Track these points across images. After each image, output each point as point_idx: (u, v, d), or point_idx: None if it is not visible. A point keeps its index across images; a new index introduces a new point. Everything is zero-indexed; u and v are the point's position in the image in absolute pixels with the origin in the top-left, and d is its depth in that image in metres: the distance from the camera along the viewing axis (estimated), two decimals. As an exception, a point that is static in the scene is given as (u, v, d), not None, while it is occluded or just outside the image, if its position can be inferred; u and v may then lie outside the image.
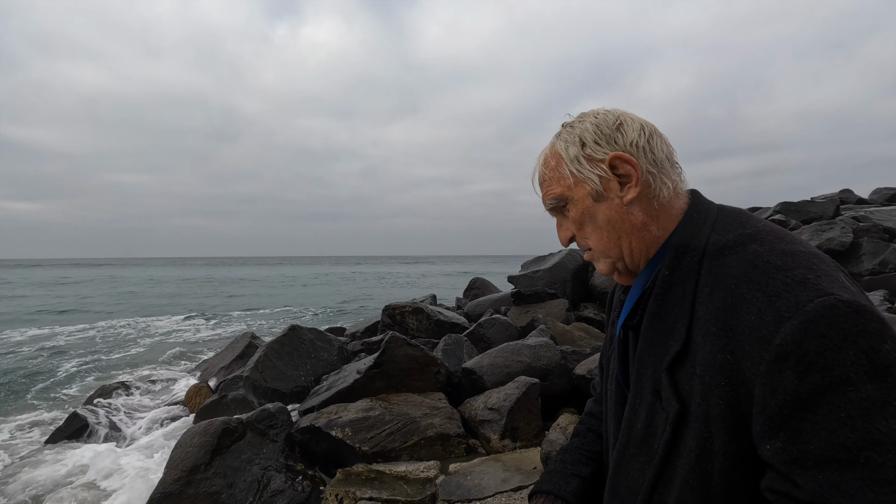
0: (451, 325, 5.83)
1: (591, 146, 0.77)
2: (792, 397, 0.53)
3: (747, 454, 0.59)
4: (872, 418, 0.49)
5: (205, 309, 19.70)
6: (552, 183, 0.81)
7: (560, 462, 0.99)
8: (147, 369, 8.52)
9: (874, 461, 0.49)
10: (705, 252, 0.70)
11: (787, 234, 0.68)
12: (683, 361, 0.66)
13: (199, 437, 2.95)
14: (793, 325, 0.54)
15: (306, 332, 5.08)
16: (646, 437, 0.71)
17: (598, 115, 0.79)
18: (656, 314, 0.72)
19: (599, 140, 0.77)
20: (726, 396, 0.59)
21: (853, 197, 8.82)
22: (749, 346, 0.57)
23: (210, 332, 13.21)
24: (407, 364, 3.68)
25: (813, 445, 0.52)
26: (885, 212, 6.73)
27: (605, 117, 0.78)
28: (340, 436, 3.05)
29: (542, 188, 0.84)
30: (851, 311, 0.53)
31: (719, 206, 0.77)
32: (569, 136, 0.79)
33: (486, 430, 3.19)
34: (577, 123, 0.80)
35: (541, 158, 0.84)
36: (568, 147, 0.78)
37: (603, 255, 0.80)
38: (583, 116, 0.81)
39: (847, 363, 0.51)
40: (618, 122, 0.78)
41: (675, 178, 0.78)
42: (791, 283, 0.57)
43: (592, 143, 0.77)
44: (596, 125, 0.78)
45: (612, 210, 0.76)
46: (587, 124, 0.78)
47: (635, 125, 0.77)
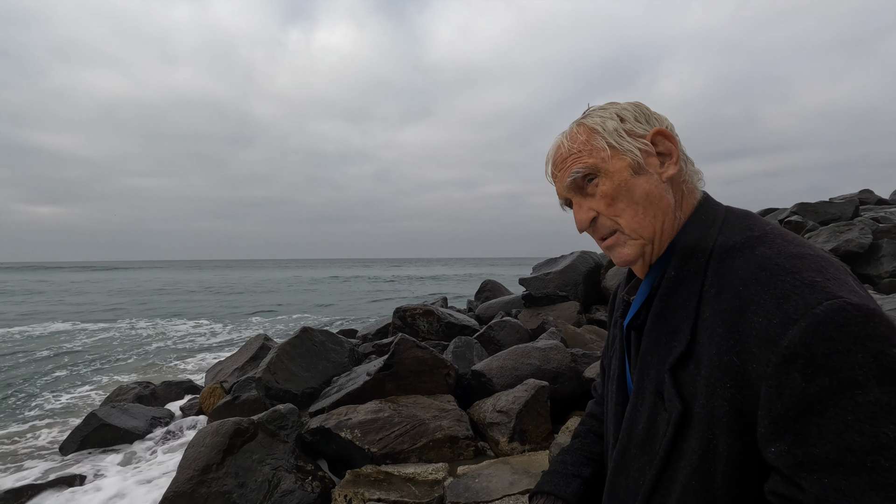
0: (462, 328, 5.83)
1: (631, 122, 0.77)
2: (799, 399, 0.52)
3: (751, 457, 0.59)
4: (880, 422, 0.49)
5: (220, 311, 19.98)
6: (582, 155, 0.77)
7: (560, 463, 0.98)
8: (163, 370, 8.67)
9: (881, 465, 0.48)
10: (712, 253, 0.69)
11: (795, 237, 0.68)
12: (687, 362, 0.66)
13: (212, 437, 3.00)
14: (801, 328, 0.53)
15: (318, 334, 5.13)
16: (647, 437, 0.70)
17: (630, 102, 0.80)
18: (661, 314, 0.72)
19: (639, 118, 0.77)
20: (731, 398, 0.59)
21: (873, 197, 8.62)
22: (756, 349, 0.57)
23: (225, 335, 13.39)
24: (416, 366, 3.70)
25: (819, 449, 0.51)
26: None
27: (638, 104, 0.80)
28: (350, 437, 3.08)
29: (566, 163, 0.78)
30: (861, 314, 0.52)
31: (727, 207, 0.77)
32: (603, 113, 0.78)
33: (495, 433, 3.19)
34: (609, 106, 0.79)
35: (564, 136, 0.80)
36: (605, 121, 0.77)
37: (634, 235, 0.76)
38: (610, 103, 0.80)
39: (855, 366, 0.50)
40: (649, 111, 0.79)
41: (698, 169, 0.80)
42: (800, 286, 0.57)
43: (633, 119, 0.77)
44: (634, 107, 0.79)
45: (652, 184, 0.75)
46: (623, 104, 0.79)
47: (663, 117, 0.80)
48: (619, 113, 0.77)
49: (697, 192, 0.79)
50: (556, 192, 0.85)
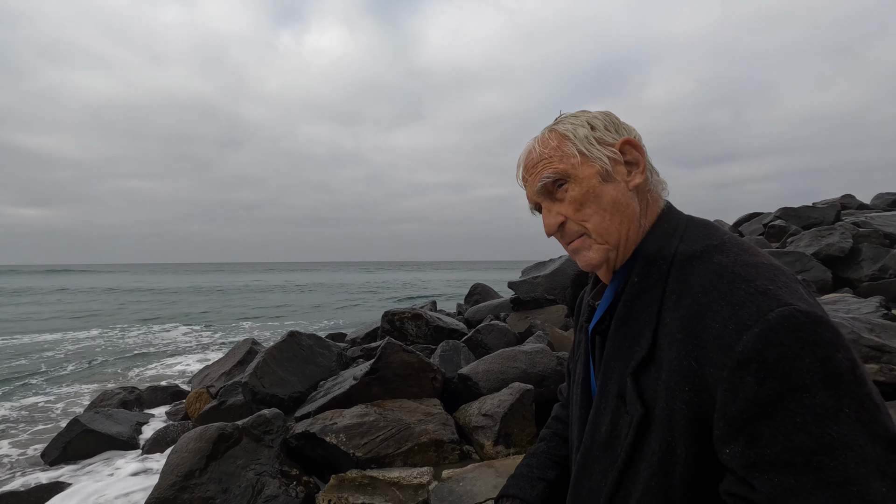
0: (450, 331, 5.85)
1: (601, 130, 0.79)
2: (752, 403, 0.55)
3: (708, 459, 0.61)
4: (825, 424, 0.51)
5: (210, 316, 19.80)
6: (553, 160, 0.79)
7: (526, 466, 1.00)
8: (149, 375, 8.58)
9: (826, 465, 0.51)
10: (673, 261, 0.72)
11: (751, 246, 0.71)
12: (649, 367, 0.68)
13: (195, 442, 2.98)
14: (754, 333, 0.56)
15: (305, 338, 5.11)
16: (609, 440, 0.72)
17: (600, 111, 0.82)
18: (624, 320, 0.74)
19: (609, 127, 0.80)
20: (689, 402, 0.61)
21: (855, 202, 8.79)
22: (713, 353, 0.59)
23: (214, 339, 13.28)
24: (403, 370, 3.70)
25: (769, 450, 0.54)
26: (887, 217, 6.69)
27: (608, 113, 0.82)
28: (335, 441, 3.07)
29: (537, 168, 0.80)
30: (809, 321, 0.55)
31: (688, 216, 0.79)
32: (575, 121, 0.80)
33: (480, 437, 3.20)
34: (580, 114, 0.82)
35: (536, 141, 0.82)
36: (577, 128, 0.79)
37: (601, 240, 0.77)
38: (580, 112, 0.82)
39: (804, 370, 0.53)
40: (618, 120, 0.82)
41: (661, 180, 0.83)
42: (753, 293, 0.59)
43: (602, 128, 0.79)
44: (604, 115, 0.81)
45: (619, 192, 0.77)
46: (594, 113, 0.81)
47: (631, 127, 0.82)
48: (589, 121, 0.80)
49: (661, 202, 0.81)
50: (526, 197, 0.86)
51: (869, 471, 0.49)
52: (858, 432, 0.51)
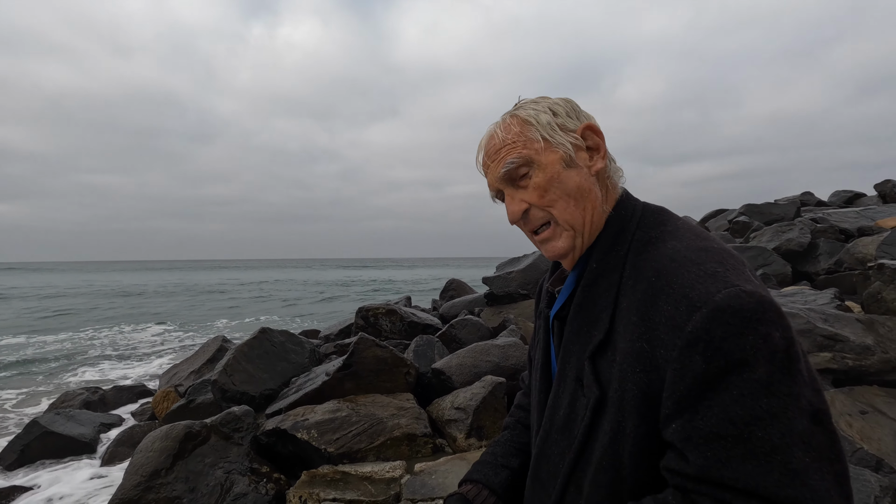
0: (424, 327, 5.85)
1: (563, 116, 0.79)
2: (699, 380, 0.57)
3: (655, 438, 0.63)
4: (757, 397, 0.54)
5: (179, 314, 19.28)
6: (516, 146, 0.77)
7: (491, 454, 1.01)
8: (114, 375, 8.31)
9: (755, 436, 0.53)
10: (630, 247, 0.74)
11: (703, 231, 0.73)
12: (605, 350, 0.70)
13: (161, 441, 2.90)
14: (703, 314, 0.58)
15: (277, 335, 5.03)
16: (567, 422, 0.74)
17: (558, 98, 0.82)
18: (582, 305, 0.75)
19: (570, 113, 0.80)
20: (639, 382, 0.63)
21: (813, 199, 9.16)
22: (664, 335, 0.61)
23: (183, 337, 12.95)
24: (376, 365, 3.69)
25: (705, 422, 0.56)
26: (842, 213, 7.00)
27: (568, 100, 0.82)
28: (306, 437, 3.04)
29: (500, 154, 0.78)
30: (753, 300, 0.58)
31: (644, 203, 0.81)
32: (536, 106, 0.79)
33: (453, 430, 3.22)
34: (540, 100, 0.81)
35: (498, 126, 0.81)
36: (539, 114, 0.78)
37: (567, 227, 0.77)
38: (540, 98, 0.82)
39: (746, 347, 0.55)
40: (578, 107, 0.82)
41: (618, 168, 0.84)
42: (703, 276, 0.62)
43: (564, 114, 0.79)
44: (565, 101, 0.81)
45: (582, 177, 0.77)
46: (555, 99, 0.81)
47: (591, 116, 0.83)
48: (551, 107, 0.79)
49: (619, 189, 0.83)
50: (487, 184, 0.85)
51: (793, 441, 0.52)
52: (787, 405, 0.53)
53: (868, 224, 6.32)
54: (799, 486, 0.51)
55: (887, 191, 8.01)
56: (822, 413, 0.55)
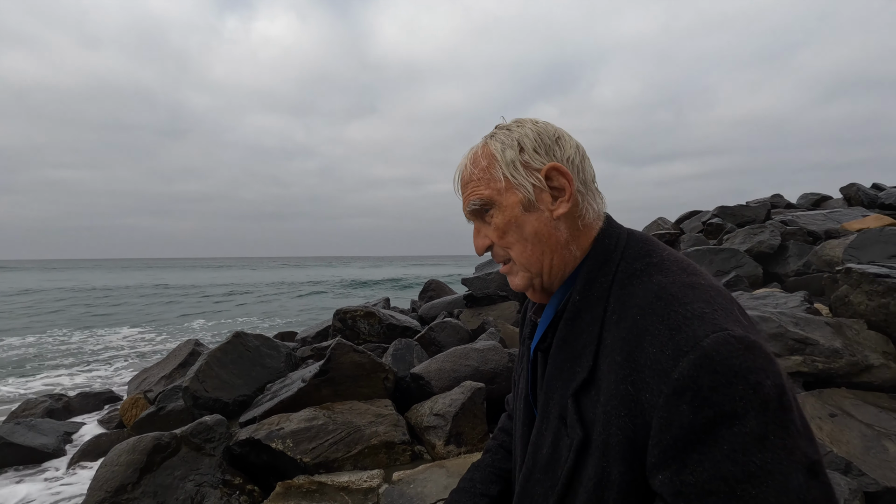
0: (403, 329, 5.80)
1: (529, 153, 0.74)
2: (686, 431, 0.54)
3: (641, 486, 0.60)
4: (751, 451, 0.51)
5: (150, 316, 18.75)
6: (480, 184, 0.77)
7: (469, 481, 0.98)
8: (81, 380, 8.02)
9: (749, 493, 0.50)
10: (615, 279, 0.70)
11: (690, 264, 0.70)
12: (589, 388, 0.67)
13: (127, 454, 2.79)
14: (690, 360, 0.55)
15: (252, 339, 4.91)
16: (550, 463, 0.71)
17: (538, 124, 0.77)
18: (566, 339, 0.72)
19: (539, 148, 0.75)
20: (625, 427, 0.60)
21: (783, 201, 9.42)
22: (650, 379, 0.58)
23: (154, 341, 12.59)
24: (354, 371, 3.62)
25: (695, 478, 0.53)
26: (810, 216, 7.22)
27: (546, 127, 0.77)
28: (281, 447, 2.96)
29: (467, 188, 0.79)
30: (742, 346, 0.55)
31: (629, 231, 0.78)
32: (507, 138, 0.76)
33: (432, 437, 3.18)
34: (516, 127, 0.77)
35: (469, 156, 0.79)
36: (505, 149, 0.75)
37: (523, 269, 0.77)
38: (521, 122, 0.78)
39: (736, 398, 0.52)
40: (557, 134, 0.77)
41: (598, 201, 0.78)
42: (690, 318, 0.59)
43: (532, 150, 0.74)
44: (537, 133, 0.76)
45: (541, 222, 0.74)
46: (527, 130, 0.76)
47: (572, 142, 0.77)
48: (520, 140, 0.75)
49: (598, 222, 0.78)
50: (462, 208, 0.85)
51: (790, 499, 0.50)
52: (782, 460, 0.51)
53: (835, 227, 6.53)
54: None
55: (852, 194, 8.28)
56: (817, 465, 0.53)
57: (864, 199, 7.77)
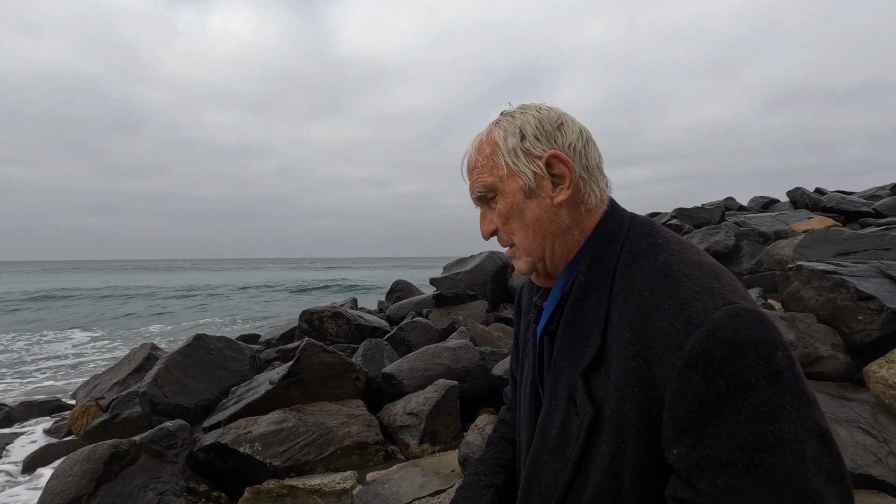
0: (372, 329, 5.73)
1: (530, 140, 0.75)
2: (700, 402, 0.54)
3: (656, 459, 0.60)
4: (768, 421, 0.52)
5: (101, 319, 17.77)
6: (484, 171, 0.78)
7: (474, 475, 0.97)
8: (25, 389, 7.50)
9: (767, 462, 0.51)
10: (619, 259, 0.71)
11: (692, 245, 0.72)
12: (598, 367, 0.67)
13: (82, 464, 2.62)
14: (702, 333, 0.56)
15: (214, 341, 4.74)
16: (560, 443, 0.70)
17: (542, 111, 0.77)
18: (573, 320, 0.72)
19: (540, 136, 0.75)
20: (639, 402, 0.60)
21: (735, 204, 9.91)
22: (661, 353, 0.59)
23: (106, 346, 11.93)
24: (324, 371, 3.54)
25: (713, 450, 0.53)
26: (760, 218, 7.61)
27: (548, 114, 0.77)
28: (250, 452, 2.86)
29: (472, 175, 0.80)
30: (752, 318, 0.56)
31: (632, 215, 0.79)
32: (509, 125, 0.77)
33: (405, 436, 3.15)
34: (519, 114, 0.77)
35: (475, 143, 0.80)
36: (507, 137, 0.76)
37: (525, 254, 0.79)
38: (525, 108, 0.78)
39: (749, 369, 0.53)
40: (559, 121, 0.77)
41: (602, 186, 0.79)
42: (699, 292, 0.60)
43: (533, 137, 0.75)
44: (539, 120, 0.76)
45: (542, 209, 0.75)
46: (529, 117, 0.76)
47: (575, 128, 0.77)
48: (522, 127, 0.76)
49: (602, 206, 0.79)
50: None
51: (807, 466, 0.51)
52: (797, 429, 0.52)
53: (783, 228, 6.90)
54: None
55: (797, 197, 8.79)
56: (828, 433, 0.54)
57: (809, 202, 8.25)
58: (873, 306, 3.21)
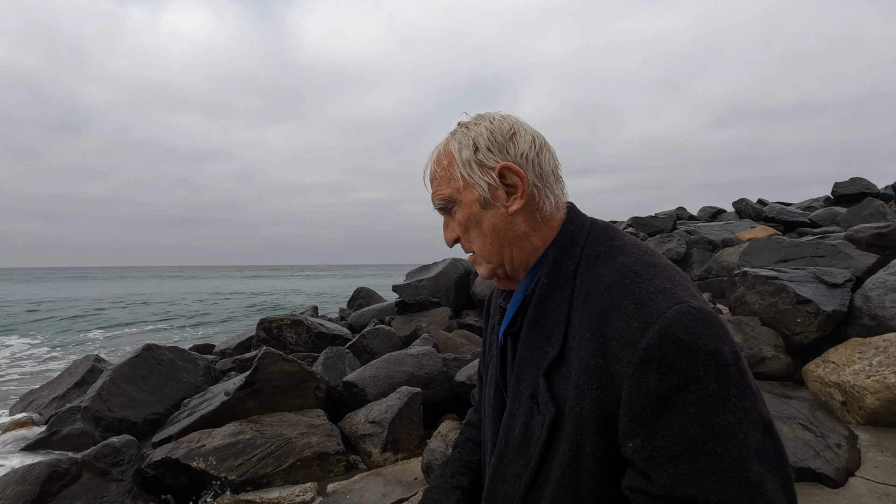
0: (333, 338, 5.62)
1: (483, 152, 0.76)
2: (654, 397, 0.57)
3: (614, 455, 0.62)
4: (715, 412, 0.55)
5: (38, 328, 16.60)
6: (442, 183, 0.80)
7: (440, 477, 0.98)
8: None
9: (715, 452, 0.54)
10: (580, 261, 0.73)
11: (648, 247, 0.75)
12: (560, 366, 0.68)
13: (15, 486, 2.43)
14: (655, 331, 0.58)
15: (165, 352, 4.52)
16: (523, 441, 0.72)
17: (494, 121, 0.79)
18: (535, 321, 0.74)
19: (492, 147, 0.76)
20: (597, 399, 0.62)
21: (686, 213, 10.40)
22: (619, 351, 0.61)
23: (45, 357, 11.14)
24: (283, 381, 3.45)
25: (665, 441, 0.56)
26: (709, 227, 8.01)
27: (501, 124, 0.78)
28: (203, 466, 2.74)
29: (433, 186, 0.83)
30: (701, 316, 0.59)
31: (592, 219, 0.81)
32: (463, 137, 0.78)
33: (368, 445, 3.10)
34: (473, 126, 0.79)
35: (434, 154, 0.83)
36: (461, 149, 0.78)
37: (485, 261, 0.81)
38: (479, 119, 0.80)
39: (698, 363, 0.56)
40: (512, 131, 0.78)
41: (557, 192, 0.80)
42: (654, 292, 0.62)
43: (485, 149, 0.76)
44: (490, 131, 0.77)
45: (497, 218, 0.77)
46: (482, 128, 0.78)
47: (527, 137, 0.78)
48: (475, 140, 0.78)
49: (559, 212, 0.80)
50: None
51: (750, 454, 0.54)
52: (742, 419, 0.55)
53: (730, 236, 7.28)
54: (756, 498, 0.53)
55: (742, 208, 9.31)
56: (770, 423, 0.58)
57: (752, 212, 8.75)
58: (811, 310, 3.43)
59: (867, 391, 2.76)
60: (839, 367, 3.01)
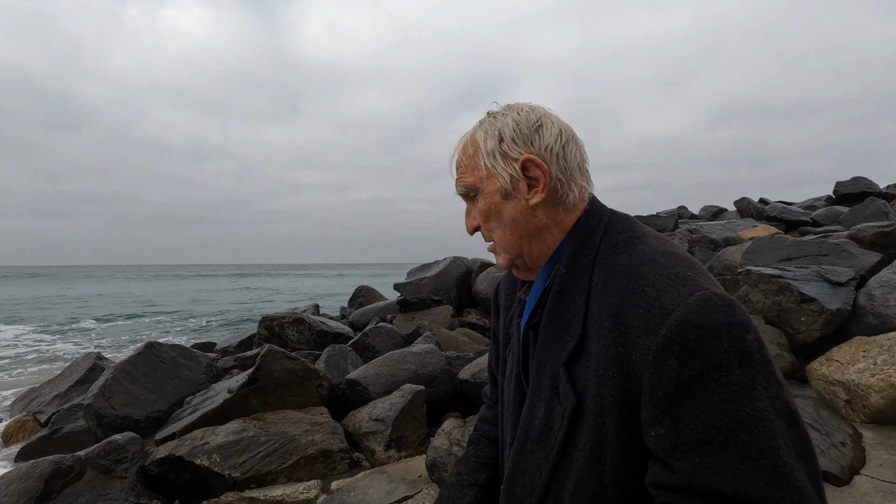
0: (335, 336, 5.62)
1: (508, 143, 0.76)
2: (675, 384, 0.56)
3: (637, 443, 0.61)
4: (740, 401, 0.54)
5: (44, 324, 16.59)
6: (466, 171, 0.81)
7: (457, 475, 0.97)
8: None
9: (741, 440, 0.53)
10: (598, 251, 0.73)
11: (666, 238, 0.75)
12: (580, 356, 0.68)
13: (20, 483, 2.43)
14: (676, 317, 0.57)
15: (167, 350, 4.52)
16: (543, 432, 0.71)
17: (521, 112, 0.78)
18: (554, 311, 0.74)
19: (517, 139, 0.76)
20: (618, 387, 0.62)
21: (687, 212, 10.39)
22: (639, 338, 0.60)
23: (46, 354, 11.14)
24: (286, 378, 3.44)
25: (690, 430, 0.55)
26: (711, 225, 8.00)
27: (528, 116, 0.78)
28: (207, 464, 2.73)
29: (457, 173, 0.84)
30: (724, 303, 0.58)
31: (611, 210, 0.81)
32: (490, 127, 0.79)
33: (371, 442, 3.10)
34: (500, 116, 0.79)
35: (461, 143, 0.83)
36: (487, 139, 0.78)
37: (504, 251, 0.81)
38: (507, 109, 0.80)
39: (721, 350, 0.55)
40: (538, 122, 0.77)
41: (582, 185, 0.79)
42: (674, 279, 0.62)
43: (510, 140, 0.76)
44: (517, 122, 0.77)
45: (518, 210, 0.77)
46: (509, 119, 0.78)
47: (554, 129, 0.77)
48: (501, 130, 0.77)
49: (581, 204, 0.79)
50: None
51: (778, 444, 0.53)
52: (768, 408, 0.54)
53: (732, 235, 7.27)
54: (786, 488, 0.52)
55: (744, 207, 9.30)
56: (796, 413, 0.57)
57: (754, 211, 8.74)
58: (815, 308, 3.43)
59: (871, 389, 2.75)
60: (843, 365, 3.01)
